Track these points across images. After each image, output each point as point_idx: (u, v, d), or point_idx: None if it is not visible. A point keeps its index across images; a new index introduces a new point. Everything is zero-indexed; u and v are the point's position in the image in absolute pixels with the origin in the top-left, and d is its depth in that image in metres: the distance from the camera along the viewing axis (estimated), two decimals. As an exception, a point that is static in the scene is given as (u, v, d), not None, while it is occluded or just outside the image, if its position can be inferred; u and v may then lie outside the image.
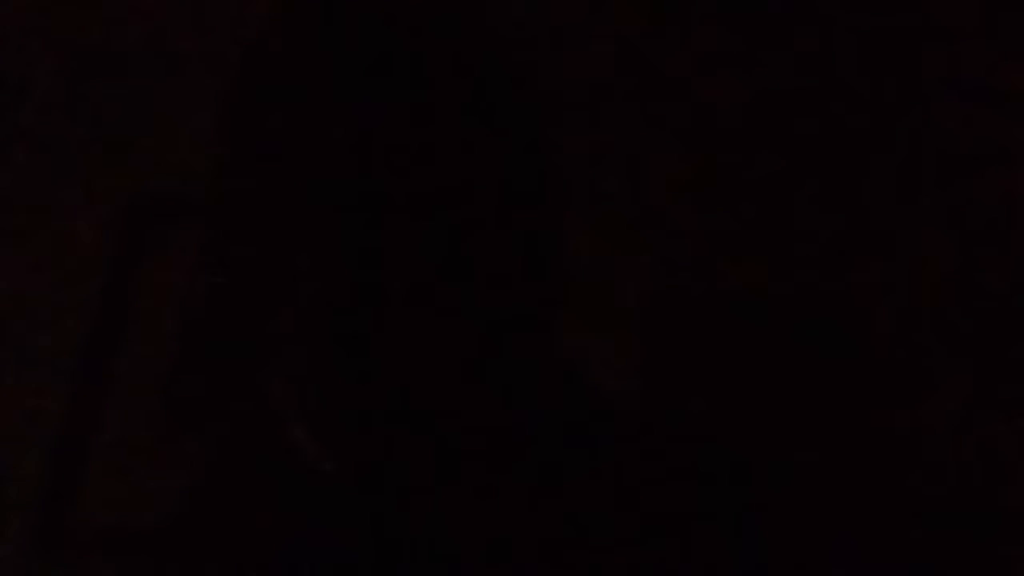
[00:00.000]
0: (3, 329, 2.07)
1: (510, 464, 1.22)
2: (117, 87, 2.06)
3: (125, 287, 2.05)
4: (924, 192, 1.87)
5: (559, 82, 1.89)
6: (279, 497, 1.28)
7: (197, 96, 1.99)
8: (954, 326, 1.84)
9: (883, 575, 1.79)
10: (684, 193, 1.91)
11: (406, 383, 1.17)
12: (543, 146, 1.24)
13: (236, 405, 1.26)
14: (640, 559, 1.20)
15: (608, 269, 1.89)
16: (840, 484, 1.81)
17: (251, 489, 1.33)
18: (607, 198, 1.91)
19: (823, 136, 1.90)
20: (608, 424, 1.27)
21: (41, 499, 2.02)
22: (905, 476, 1.82)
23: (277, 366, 1.18)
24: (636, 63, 1.93)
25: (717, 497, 1.23)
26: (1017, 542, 1.78)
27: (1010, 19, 1.86)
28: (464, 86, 1.20)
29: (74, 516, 2.01)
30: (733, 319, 1.89)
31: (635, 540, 1.21)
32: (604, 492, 1.22)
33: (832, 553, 1.77)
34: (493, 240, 1.18)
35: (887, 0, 1.89)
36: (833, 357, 1.86)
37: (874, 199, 1.88)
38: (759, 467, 1.26)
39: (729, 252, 1.89)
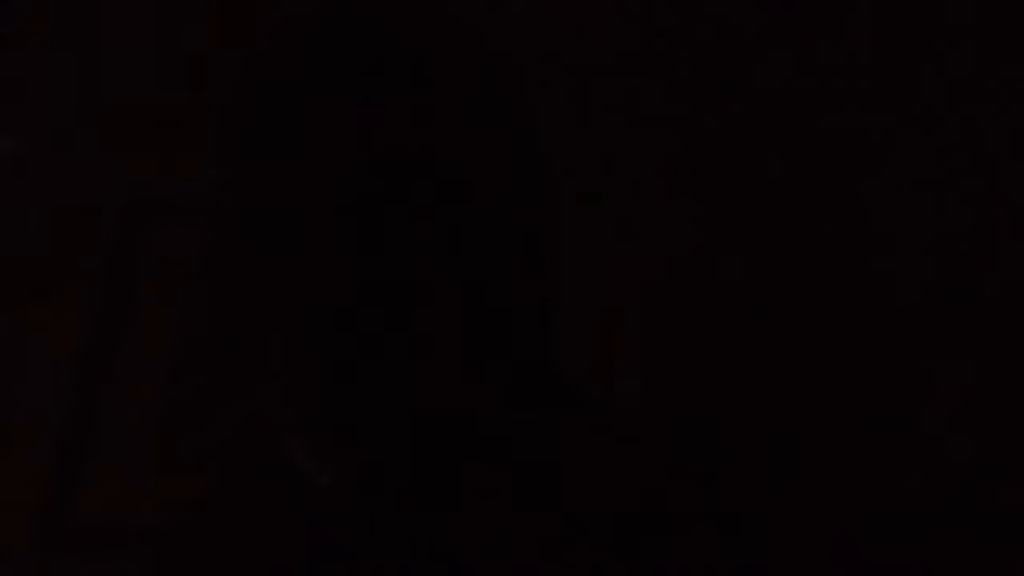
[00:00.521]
0: (4, 330, 2.07)
1: (508, 467, 1.22)
2: (119, 87, 2.07)
3: (125, 288, 2.05)
4: (924, 190, 1.87)
5: (557, 82, 1.89)
6: (276, 503, 1.28)
7: (198, 97, 1.99)
8: (955, 325, 1.85)
9: (883, 575, 1.79)
10: (683, 192, 1.91)
11: (403, 390, 1.17)
12: (541, 146, 1.24)
13: (235, 409, 1.26)
14: (640, 559, 1.20)
15: (608, 268, 1.90)
16: (840, 484, 1.81)
17: (249, 492, 1.34)
18: (606, 197, 1.91)
19: (823, 134, 1.90)
20: (608, 424, 1.27)
21: (42, 499, 2.03)
22: (905, 476, 1.82)
23: (272, 376, 1.18)
24: (635, 61, 1.94)
25: (717, 497, 1.24)
26: (1018, 542, 1.78)
27: (1007, 19, 1.86)
28: (463, 87, 1.20)
29: (74, 516, 2.02)
30: (732, 318, 1.89)
31: (635, 540, 1.21)
32: (604, 492, 1.22)
33: (832, 552, 1.77)
34: (491, 242, 1.19)
35: (887, 2, 1.90)
36: (833, 357, 1.87)
37: (874, 197, 1.88)
38: (759, 466, 1.27)
39: (729, 251, 1.89)
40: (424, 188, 1.16)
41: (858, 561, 1.78)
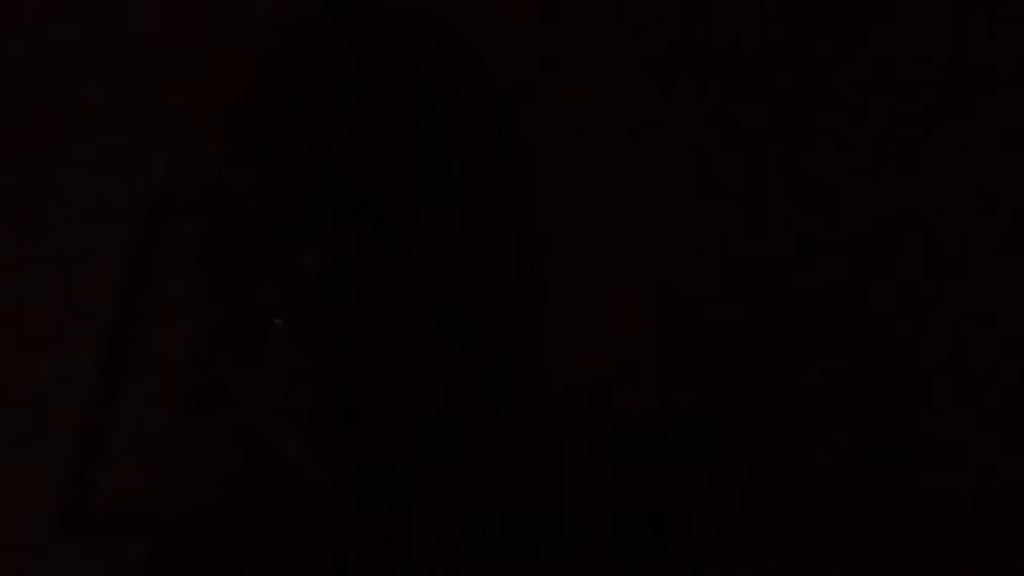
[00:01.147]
0: (21, 320, 2.08)
1: (505, 467, 1.22)
2: (119, 88, 2.08)
3: (143, 279, 2.06)
4: (924, 187, 1.87)
5: (551, 81, 1.89)
6: (274, 493, 1.29)
7: (199, 97, 1.99)
8: (959, 323, 1.84)
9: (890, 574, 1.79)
10: (683, 191, 1.91)
11: (397, 387, 1.17)
12: (537, 145, 1.25)
13: (236, 403, 1.26)
14: (643, 560, 1.20)
15: (608, 267, 1.90)
16: (846, 484, 1.81)
17: (249, 481, 1.34)
18: (606, 195, 1.91)
19: (832, 130, 1.90)
20: (610, 425, 1.27)
21: (60, 484, 2.04)
22: (913, 476, 1.82)
23: (264, 368, 1.19)
24: (631, 59, 1.93)
25: (723, 497, 1.24)
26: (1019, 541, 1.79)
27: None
28: (459, 86, 1.20)
29: (93, 501, 2.03)
30: (735, 316, 1.89)
31: (639, 542, 1.21)
32: (606, 494, 1.22)
33: (839, 553, 1.77)
34: (486, 240, 1.19)
35: (885, 4, 1.89)
36: (838, 355, 1.87)
37: (875, 193, 1.88)
38: (766, 467, 1.27)
39: (730, 248, 1.89)
40: (419, 188, 1.17)
41: (864, 561, 1.78)
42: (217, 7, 2.02)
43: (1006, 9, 1.85)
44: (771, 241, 1.89)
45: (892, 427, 1.84)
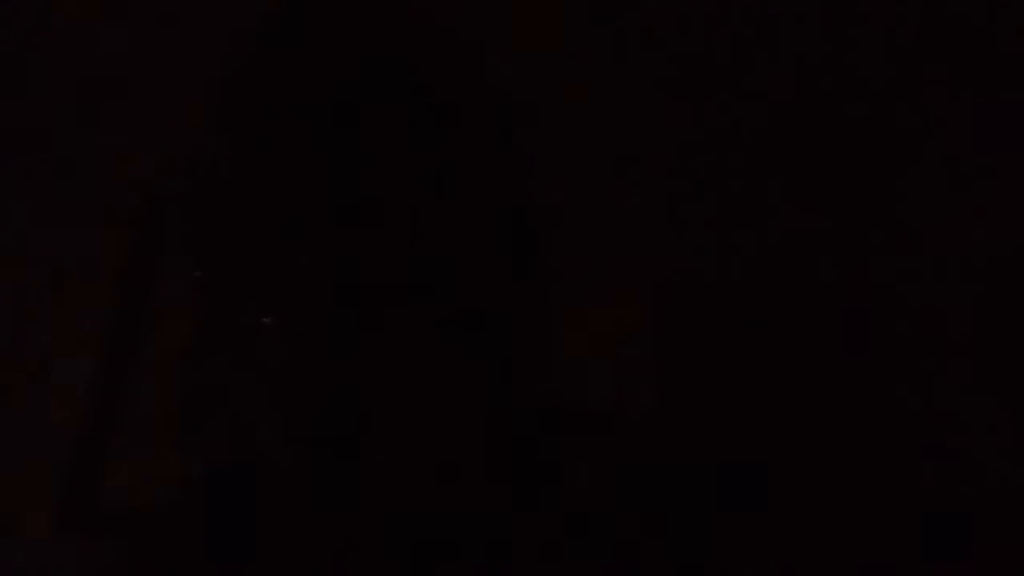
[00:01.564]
0: (19, 328, 2.08)
1: (506, 466, 1.22)
2: (118, 87, 2.07)
3: (137, 285, 2.06)
4: (924, 184, 1.87)
5: (552, 81, 1.89)
6: (269, 496, 1.29)
7: (199, 97, 1.99)
8: (963, 322, 1.84)
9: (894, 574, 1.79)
10: (683, 191, 1.91)
11: (395, 387, 1.17)
12: (537, 149, 1.24)
13: (232, 402, 1.26)
14: (643, 560, 1.20)
15: (609, 267, 1.89)
16: (851, 485, 1.81)
17: (246, 485, 1.34)
18: (606, 195, 1.91)
19: (836, 129, 1.90)
20: (612, 425, 1.28)
21: (62, 485, 2.03)
22: (913, 476, 1.82)
23: (257, 368, 1.19)
24: (631, 59, 1.93)
25: (728, 497, 1.24)
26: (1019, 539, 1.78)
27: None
28: (459, 86, 1.21)
29: (96, 499, 2.03)
30: (735, 316, 1.89)
31: (639, 541, 1.21)
32: (607, 494, 1.22)
33: (839, 553, 1.77)
34: (486, 240, 1.19)
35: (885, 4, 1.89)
36: (838, 355, 1.86)
37: (876, 193, 1.88)
38: (768, 468, 1.27)
39: (730, 249, 1.89)
40: (413, 187, 1.17)
41: (868, 561, 1.78)
42: (217, 7, 2.03)
43: (1006, 9, 1.85)
44: (771, 241, 1.89)
45: (892, 427, 1.84)
